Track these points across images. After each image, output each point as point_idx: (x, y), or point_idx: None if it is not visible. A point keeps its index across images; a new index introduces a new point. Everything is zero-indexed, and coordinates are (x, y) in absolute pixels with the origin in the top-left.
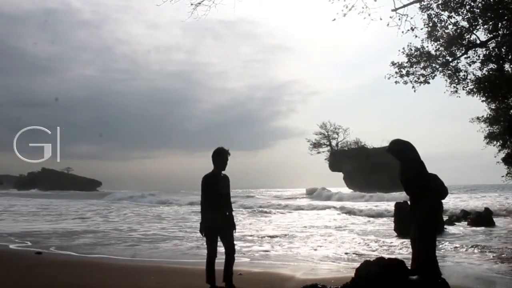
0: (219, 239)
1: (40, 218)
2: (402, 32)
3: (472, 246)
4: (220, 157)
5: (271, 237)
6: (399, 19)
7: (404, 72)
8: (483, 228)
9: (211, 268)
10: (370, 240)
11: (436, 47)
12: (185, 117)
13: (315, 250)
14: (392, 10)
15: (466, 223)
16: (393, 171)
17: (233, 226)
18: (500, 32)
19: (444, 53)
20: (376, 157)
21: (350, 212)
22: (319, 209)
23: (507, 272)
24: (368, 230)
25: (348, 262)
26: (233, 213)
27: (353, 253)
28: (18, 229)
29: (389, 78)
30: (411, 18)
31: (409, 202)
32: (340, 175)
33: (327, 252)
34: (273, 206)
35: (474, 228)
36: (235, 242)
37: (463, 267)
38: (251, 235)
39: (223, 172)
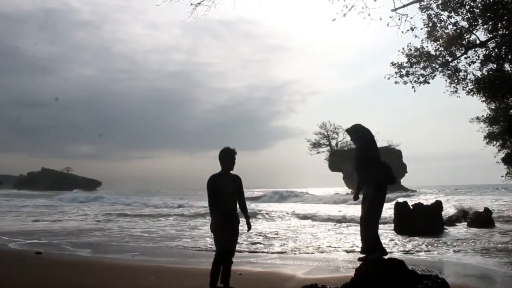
0: (229, 236)
1: None
2: (402, 32)
3: (471, 246)
4: (226, 157)
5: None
6: (399, 19)
7: (404, 72)
8: (482, 228)
9: (216, 269)
10: None
11: (436, 47)
12: (185, 117)
13: (314, 249)
14: (392, 10)
15: (465, 223)
16: (393, 171)
17: (237, 229)
18: (500, 32)
19: (444, 53)
20: None
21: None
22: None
23: (506, 271)
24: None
25: (348, 262)
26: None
27: (352, 252)
28: None
29: (389, 78)
30: (411, 18)
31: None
32: (339, 175)
33: (326, 251)
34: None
35: (473, 228)
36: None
37: (463, 267)
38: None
39: (233, 172)
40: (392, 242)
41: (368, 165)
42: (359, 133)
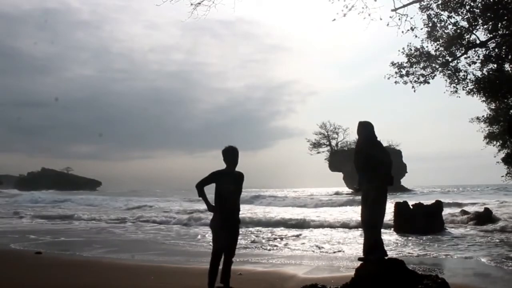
0: (228, 236)
1: None
2: (402, 32)
3: (471, 246)
4: (225, 155)
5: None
6: (399, 19)
7: (404, 72)
8: (483, 227)
9: (214, 269)
10: None
11: (436, 47)
12: (185, 117)
13: (315, 249)
14: (392, 10)
15: (466, 223)
16: (393, 171)
17: (238, 229)
18: (500, 32)
19: (444, 53)
20: None
21: None
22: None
23: (507, 270)
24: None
25: (348, 262)
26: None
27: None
28: None
29: (389, 78)
30: (411, 18)
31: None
32: (340, 175)
33: (326, 252)
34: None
35: (474, 228)
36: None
37: (463, 266)
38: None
39: (237, 170)
40: (392, 242)
41: (368, 164)
42: (364, 130)
